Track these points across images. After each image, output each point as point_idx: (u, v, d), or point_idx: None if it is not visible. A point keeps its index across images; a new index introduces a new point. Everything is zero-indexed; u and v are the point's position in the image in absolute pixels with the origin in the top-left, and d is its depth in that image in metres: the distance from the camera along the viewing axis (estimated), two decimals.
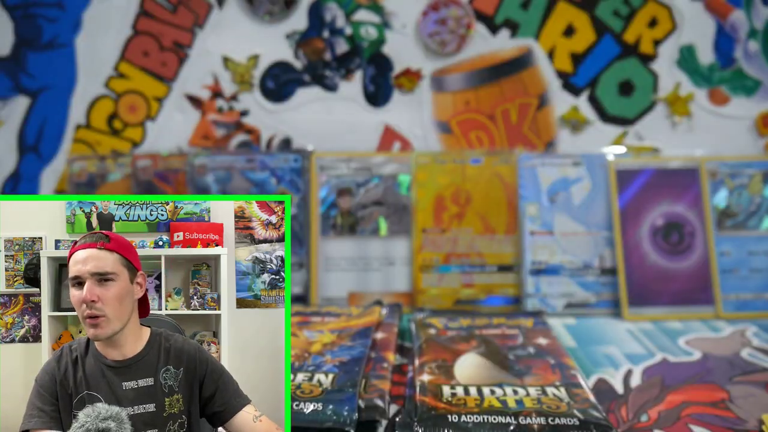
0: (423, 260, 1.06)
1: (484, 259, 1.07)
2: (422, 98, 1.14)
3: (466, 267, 1.06)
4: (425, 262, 1.06)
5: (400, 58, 1.13)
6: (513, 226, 1.07)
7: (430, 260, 1.06)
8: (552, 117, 1.14)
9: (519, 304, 1.05)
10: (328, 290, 1.06)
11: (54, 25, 1.10)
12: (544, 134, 1.14)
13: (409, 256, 1.07)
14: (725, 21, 1.12)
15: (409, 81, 1.13)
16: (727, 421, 0.67)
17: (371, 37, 1.13)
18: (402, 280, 1.07)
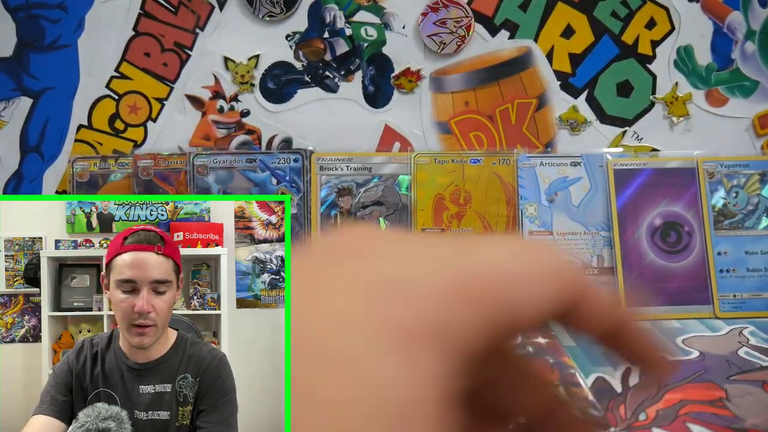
0: None
1: None
2: (422, 98, 1.14)
3: None
4: None
5: (399, 59, 1.13)
6: (512, 226, 1.08)
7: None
8: (551, 117, 1.15)
9: None
10: None
11: (56, 27, 1.11)
12: (543, 134, 1.15)
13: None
14: (723, 22, 1.12)
15: (409, 81, 1.13)
16: (725, 420, 0.68)
17: (371, 37, 1.13)
18: None
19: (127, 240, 0.54)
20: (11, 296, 1.02)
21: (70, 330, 1.01)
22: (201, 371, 0.56)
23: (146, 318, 0.53)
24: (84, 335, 1.01)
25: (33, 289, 1.00)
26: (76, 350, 0.57)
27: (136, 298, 0.53)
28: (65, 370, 0.56)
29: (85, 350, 0.57)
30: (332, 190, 1.08)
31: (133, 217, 1.03)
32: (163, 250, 0.54)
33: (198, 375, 0.55)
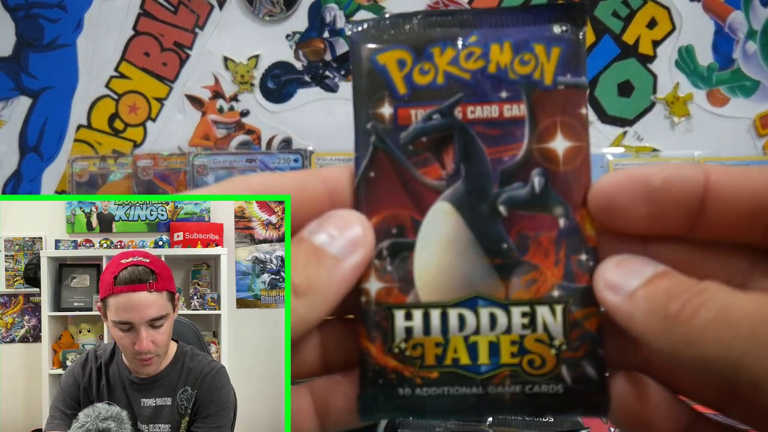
0: None
1: None
2: None
3: None
4: None
5: None
6: None
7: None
8: None
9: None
10: None
11: (56, 26, 1.11)
12: None
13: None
14: (724, 22, 1.12)
15: None
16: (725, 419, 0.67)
17: None
18: None
19: (118, 280, 0.52)
20: (11, 296, 1.02)
21: (70, 330, 1.01)
22: (198, 382, 0.56)
23: (147, 354, 0.53)
24: (84, 335, 1.01)
25: (33, 289, 1.00)
26: (81, 363, 0.57)
27: (134, 335, 0.52)
28: (72, 383, 0.56)
29: (89, 363, 0.57)
30: None
31: (133, 217, 1.03)
32: (156, 287, 0.52)
33: (196, 387, 0.56)
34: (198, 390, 0.56)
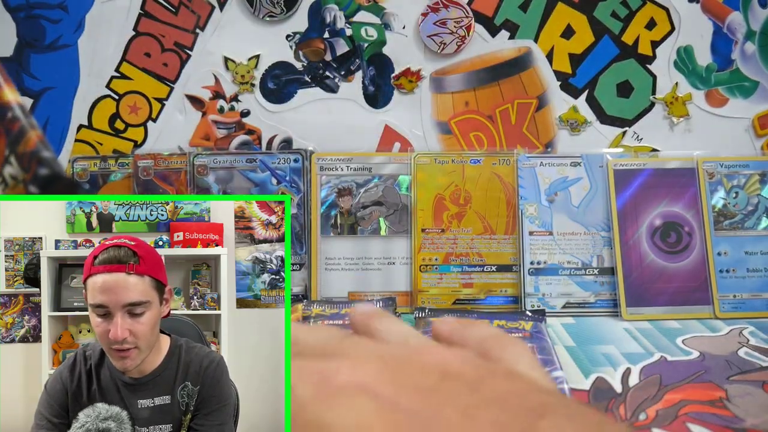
0: (423, 260, 1.07)
1: (483, 258, 1.07)
2: (422, 99, 1.14)
3: (466, 267, 1.07)
4: (425, 261, 1.07)
5: (400, 59, 1.13)
6: (512, 226, 1.08)
7: (430, 260, 1.07)
8: (551, 117, 1.15)
9: (518, 304, 1.06)
10: (328, 290, 1.06)
11: (57, 27, 1.11)
12: (543, 135, 1.15)
13: (409, 256, 1.07)
14: (723, 23, 1.12)
15: (409, 81, 1.13)
16: (725, 420, 0.68)
17: (371, 38, 1.13)
18: (402, 279, 1.07)
19: (97, 260, 0.49)
20: (11, 296, 1.02)
21: (70, 330, 1.01)
22: (201, 377, 0.53)
23: (123, 343, 0.49)
24: (84, 335, 1.01)
25: (33, 289, 1.00)
26: (69, 365, 0.53)
27: (110, 323, 0.49)
28: (59, 389, 0.52)
29: (78, 365, 0.53)
30: (332, 191, 1.08)
31: (133, 217, 1.03)
32: (136, 269, 0.49)
33: (198, 382, 0.53)
34: (201, 385, 0.53)
